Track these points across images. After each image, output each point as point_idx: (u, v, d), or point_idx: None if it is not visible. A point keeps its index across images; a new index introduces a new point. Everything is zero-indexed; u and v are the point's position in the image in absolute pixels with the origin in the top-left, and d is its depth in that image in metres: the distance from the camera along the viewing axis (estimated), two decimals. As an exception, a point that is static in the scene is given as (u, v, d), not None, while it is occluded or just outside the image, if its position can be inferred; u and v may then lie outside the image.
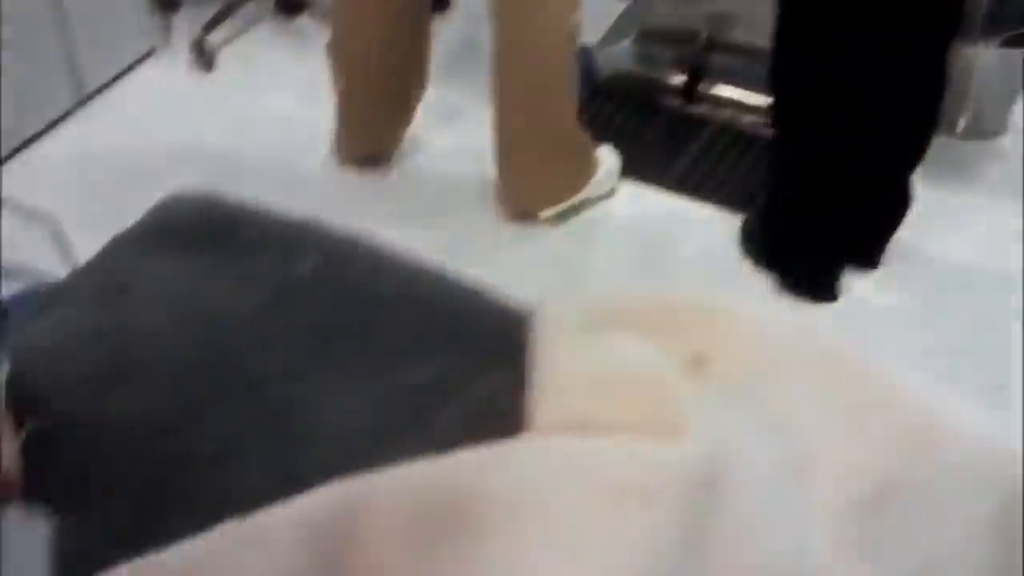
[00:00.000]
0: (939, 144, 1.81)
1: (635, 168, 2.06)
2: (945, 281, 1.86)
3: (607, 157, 2.02)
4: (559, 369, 0.37)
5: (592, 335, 0.38)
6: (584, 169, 1.97)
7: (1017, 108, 2.21)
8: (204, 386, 0.64)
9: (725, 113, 2.22)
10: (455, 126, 2.20)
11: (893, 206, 1.79)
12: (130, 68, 2.34)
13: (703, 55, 2.26)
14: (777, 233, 1.85)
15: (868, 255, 1.84)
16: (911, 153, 1.74)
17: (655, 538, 0.31)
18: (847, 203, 1.76)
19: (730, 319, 0.41)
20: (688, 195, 2.04)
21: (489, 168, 1.94)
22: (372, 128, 2.08)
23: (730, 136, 2.17)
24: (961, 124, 2.15)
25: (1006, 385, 1.61)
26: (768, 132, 1.90)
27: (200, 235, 0.79)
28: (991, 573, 0.31)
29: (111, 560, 0.54)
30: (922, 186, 1.81)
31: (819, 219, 1.79)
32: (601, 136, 2.03)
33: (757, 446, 0.35)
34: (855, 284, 1.84)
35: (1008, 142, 2.19)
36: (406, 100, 2.03)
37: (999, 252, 1.92)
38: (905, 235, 1.84)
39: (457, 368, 0.51)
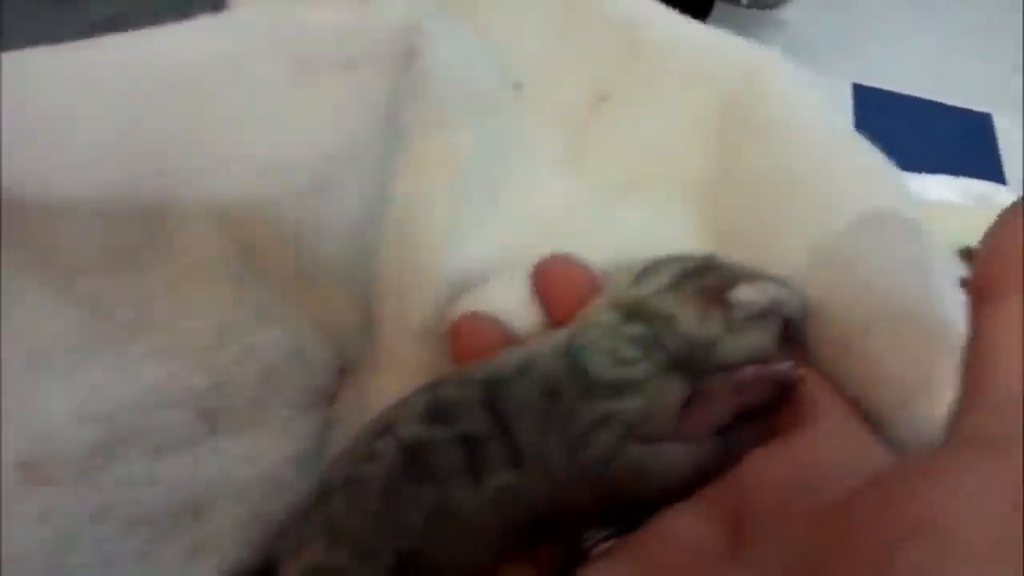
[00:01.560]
0: (724, 11, 1.81)
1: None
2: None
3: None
4: None
5: None
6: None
7: (799, -21, 2.25)
8: None
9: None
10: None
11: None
12: None
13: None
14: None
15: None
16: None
17: (354, 108, 0.28)
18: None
19: None
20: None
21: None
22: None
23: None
24: (746, -8, 2.17)
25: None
26: None
27: None
28: (710, 160, 0.33)
29: None
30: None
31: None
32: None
33: (465, 54, 0.32)
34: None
35: (790, 12, 2.24)
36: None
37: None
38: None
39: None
